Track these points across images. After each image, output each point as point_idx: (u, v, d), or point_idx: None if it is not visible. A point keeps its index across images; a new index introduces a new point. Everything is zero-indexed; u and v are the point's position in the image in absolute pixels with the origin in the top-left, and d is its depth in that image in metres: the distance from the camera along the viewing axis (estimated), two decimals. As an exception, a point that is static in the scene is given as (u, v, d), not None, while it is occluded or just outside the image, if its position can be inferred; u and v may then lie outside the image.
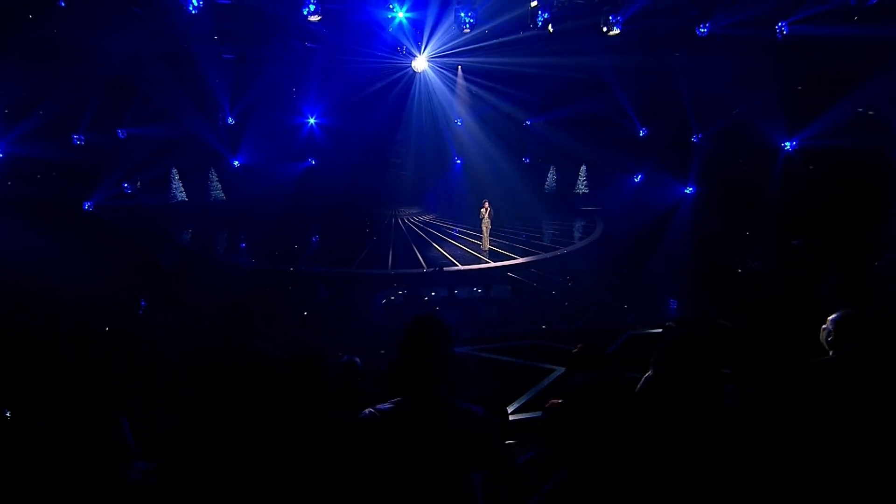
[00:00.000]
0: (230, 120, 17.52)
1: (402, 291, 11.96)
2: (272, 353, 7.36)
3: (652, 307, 10.63)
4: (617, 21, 10.75)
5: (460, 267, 13.14)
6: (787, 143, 14.41)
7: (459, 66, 16.85)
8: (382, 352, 6.47)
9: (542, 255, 14.25)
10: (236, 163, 18.79)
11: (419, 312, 1.93)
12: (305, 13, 9.91)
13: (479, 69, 16.23)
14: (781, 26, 10.95)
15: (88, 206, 14.84)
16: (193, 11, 9.39)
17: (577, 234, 17.25)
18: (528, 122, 19.72)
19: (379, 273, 12.88)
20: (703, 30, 11.35)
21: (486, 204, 14.57)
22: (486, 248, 14.55)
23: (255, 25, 11.79)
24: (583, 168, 21.17)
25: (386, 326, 9.89)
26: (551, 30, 11.66)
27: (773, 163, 14.40)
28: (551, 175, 21.74)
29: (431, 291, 11.70)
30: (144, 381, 3.97)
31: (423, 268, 12.96)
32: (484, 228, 14.60)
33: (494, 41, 13.32)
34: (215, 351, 7.72)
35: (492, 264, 13.39)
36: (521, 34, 12.55)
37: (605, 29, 10.98)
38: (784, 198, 13.58)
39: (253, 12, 10.96)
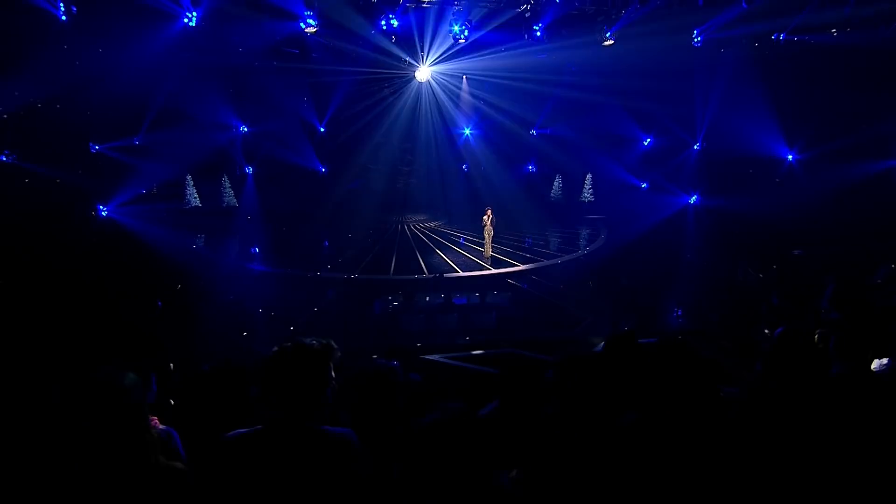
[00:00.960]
0: (243, 128, 18.01)
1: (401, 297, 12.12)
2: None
3: (651, 316, 10.58)
4: (611, 31, 10.76)
5: (461, 273, 13.25)
6: (790, 155, 14.22)
7: (465, 76, 17.02)
8: (375, 356, 6.54)
9: (544, 263, 14.27)
10: (249, 170, 19.24)
11: (287, 341, 1.86)
12: (303, 27, 10.22)
13: (482, 78, 16.38)
14: (779, 35, 10.89)
15: (105, 212, 15.34)
16: (193, 24, 9.72)
17: (581, 242, 17.22)
18: (534, 131, 19.78)
19: (379, 278, 13.08)
20: (698, 38, 11.30)
21: (489, 212, 14.62)
22: (489, 256, 14.64)
23: (257, 37, 12.11)
24: (588, 176, 21.12)
25: (384, 329, 10.12)
26: (546, 40, 11.75)
27: (775, 172, 14.23)
28: (557, 183, 21.72)
29: (427, 297, 11.84)
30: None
31: (425, 274, 13.11)
32: (486, 236, 14.69)
33: (491, 52, 13.46)
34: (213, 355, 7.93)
35: (493, 271, 13.48)
36: (518, 44, 12.63)
37: (598, 39, 11.02)
38: (785, 207, 13.40)
39: (254, 24, 11.25)
